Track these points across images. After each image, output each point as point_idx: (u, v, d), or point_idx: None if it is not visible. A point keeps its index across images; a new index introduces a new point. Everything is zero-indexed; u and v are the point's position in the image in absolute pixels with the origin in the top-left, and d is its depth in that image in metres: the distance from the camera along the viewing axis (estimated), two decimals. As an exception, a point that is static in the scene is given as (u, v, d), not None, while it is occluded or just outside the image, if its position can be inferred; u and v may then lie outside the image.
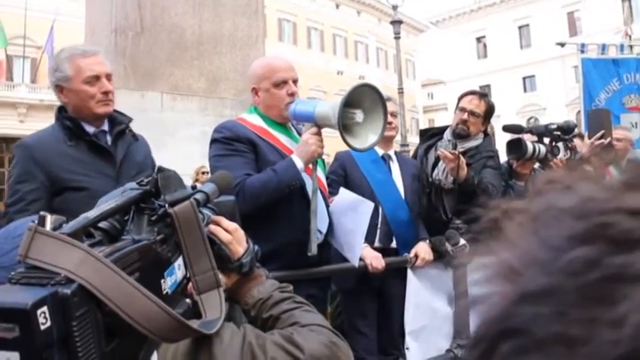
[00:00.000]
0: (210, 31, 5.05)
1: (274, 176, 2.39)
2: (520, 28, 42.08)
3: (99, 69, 2.43)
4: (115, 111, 2.53)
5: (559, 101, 36.70)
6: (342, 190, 2.82)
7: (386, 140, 3.31)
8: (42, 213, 0.73)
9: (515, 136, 3.53)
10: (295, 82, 2.63)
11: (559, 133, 3.55)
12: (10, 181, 2.42)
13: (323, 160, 2.68)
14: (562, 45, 8.43)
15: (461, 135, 3.35)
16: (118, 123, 2.53)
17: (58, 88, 2.46)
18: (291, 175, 2.41)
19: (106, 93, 2.42)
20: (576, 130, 3.92)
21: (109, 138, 2.49)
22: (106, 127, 2.51)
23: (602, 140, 3.83)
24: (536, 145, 3.42)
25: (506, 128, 3.66)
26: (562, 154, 3.51)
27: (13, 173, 2.39)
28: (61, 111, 2.49)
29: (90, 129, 2.45)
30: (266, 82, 2.60)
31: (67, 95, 2.44)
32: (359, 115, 2.33)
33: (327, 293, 2.95)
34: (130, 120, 2.60)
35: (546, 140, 3.54)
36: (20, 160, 2.38)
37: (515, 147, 3.40)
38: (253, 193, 2.37)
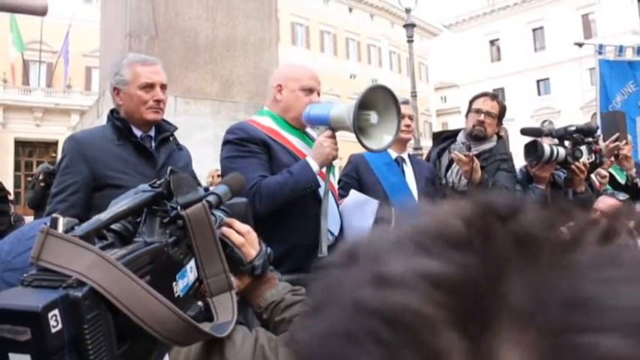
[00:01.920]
0: (223, 35, 5.07)
1: (290, 178, 2.40)
2: (534, 30, 41.86)
3: (155, 78, 2.61)
4: (163, 120, 2.71)
5: (574, 104, 36.43)
6: (352, 192, 2.82)
7: (401, 143, 3.30)
8: (54, 215, 0.73)
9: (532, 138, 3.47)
10: (318, 94, 2.67)
11: (580, 135, 3.48)
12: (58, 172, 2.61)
13: (334, 167, 2.68)
14: (580, 45, 8.35)
15: (478, 136, 3.32)
16: (164, 130, 2.70)
17: (115, 91, 2.63)
18: (307, 177, 2.41)
19: (158, 101, 2.59)
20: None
21: (153, 143, 2.65)
22: (152, 133, 2.67)
23: (618, 142, 3.78)
24: (555, 147, 3.35)
25: (525, 131, 3.60)
26: (585, 157, 3.43)
27: (62, 164, 2.56)
28: (113, 112, 2.66)
29: (137, 132, 2.61)
30: (295, 83, 2.61)
31: (122, 98, 2.61)
32: (373, 117, 2.34)
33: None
34: (175, 129, 2.77)
35: (568, 143, 3.47)
36: (69, 152, 2.54)
37: (532, 150, 3.34)
38: (270, 194, 2.37)
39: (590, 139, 3.48)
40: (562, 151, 3.34)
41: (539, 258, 0.26)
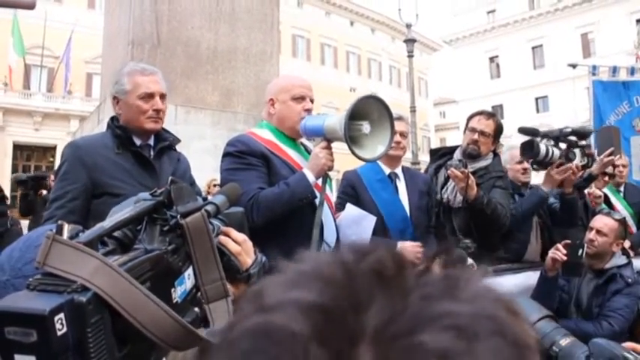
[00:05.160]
0: (225, 46, 5.12)
1: (287, 190, 2.43)
2: (533, 48, 42.11)
3: (154, 87, 2.59)
4: (163, 129, 2.70)
5: (572, 122, 36.47)
6: (349, 206, 2.86)
7: (392, 159, 3.33)
8: (60, 222, 0.75)
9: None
10: (312, 101, 2.69)
11: (574, 137, 3.53)
12: (56, 178, 2.58)
13: (330, 179, 2.71)
14: (574, 66, 8.40)
15: (472, 155, 3.36)
16: (163, 139, 2.68)
17: (115, 100, 2.63)
18: (303, 188, 2.44)
19: (157, 111, 2.58)
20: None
21: (152, 152, 2.63)
22: (151, 142, 2.66)
23: (612, 157, 3.83)
24: (550, 147, 3.40)
25: (522, 130, 3.65)
26: (578, 160, 3.48)
27: (61, 170, 2.54)
28: (113, 120, 2.65)
29: (137, 141, 2.60)
30: (285, 94, 2.65)
31: (121, 107, 2.61)
32: (365, 127, 2.36)
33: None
34: (178, 141, 2.76)
35: (563, 146, 3.52)
36: (68, 158, 2.52)
37: (528, 148, 3.39)
38: (267, 206, 2.40)
39: (584, 143, 3.54)
40: (557, 152, 3.40)
41: (389, 287, 0.34)
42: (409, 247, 2.92)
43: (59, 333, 0.63)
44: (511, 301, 0.36)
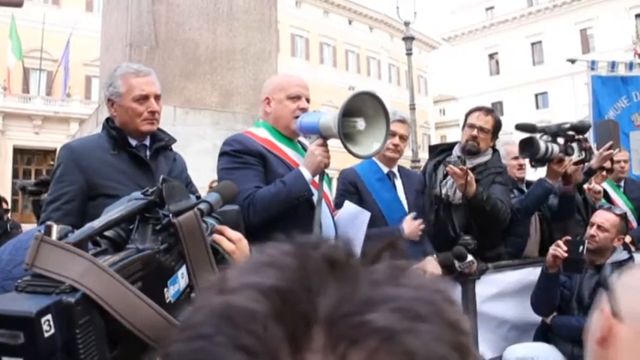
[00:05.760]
0: (223, 46, 5.10)
1: (283, 188, 2.42)
2: (533, 44, 42.10)
3: (149, 89, 2.56)
4: (159, 129, 2.67)
5: (572, 118, 36.41)
6: (346, 203, 2.85)
7: (390, 159, 3.32)
8: (48, 223, 0.74)
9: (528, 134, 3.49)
10: (308, 100, 2.68)
11: (572, 132, 3.51)
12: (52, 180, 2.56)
13: (329, 177, 2.69)
14: (572, 62, 8.41)
15: (471, 151, 3.34)
16: (159, 140, 2.66)
17: (110, 102, 2.60)
18: (299, 186, 2.43)
19: (152, 112, 2.55)
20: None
21: (148, 152, 2.62)
22: (147, 142, 2.64)
23: (611, 150, 3.81)
24: (549, 144, 3.38)
25: (519, 127, 3.61)
26: (576, 155, 3.47)
27: (56, 173, 2.52)
28: (108, 121, 2.63)
29: (133, 142, 2.58)
30: (281, 93, 2.64)
31: (116, 110, 2.58)
32: (360, 123, 2.34)
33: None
34: (174, 141, 2.74)
35: (561, 140, 3.50)
36: (64, 161, 2.51)
37: (528, 146, 3.37)
38: (264, 205, 2.39)
39: (581, 137, 3.52)
40: (556, 148, 3.37)
41: (340, 273, 0.37)
42: (410, 220, 3.07)
43: (46, 335, 0.62)
44: (448, 291, 0.40)
